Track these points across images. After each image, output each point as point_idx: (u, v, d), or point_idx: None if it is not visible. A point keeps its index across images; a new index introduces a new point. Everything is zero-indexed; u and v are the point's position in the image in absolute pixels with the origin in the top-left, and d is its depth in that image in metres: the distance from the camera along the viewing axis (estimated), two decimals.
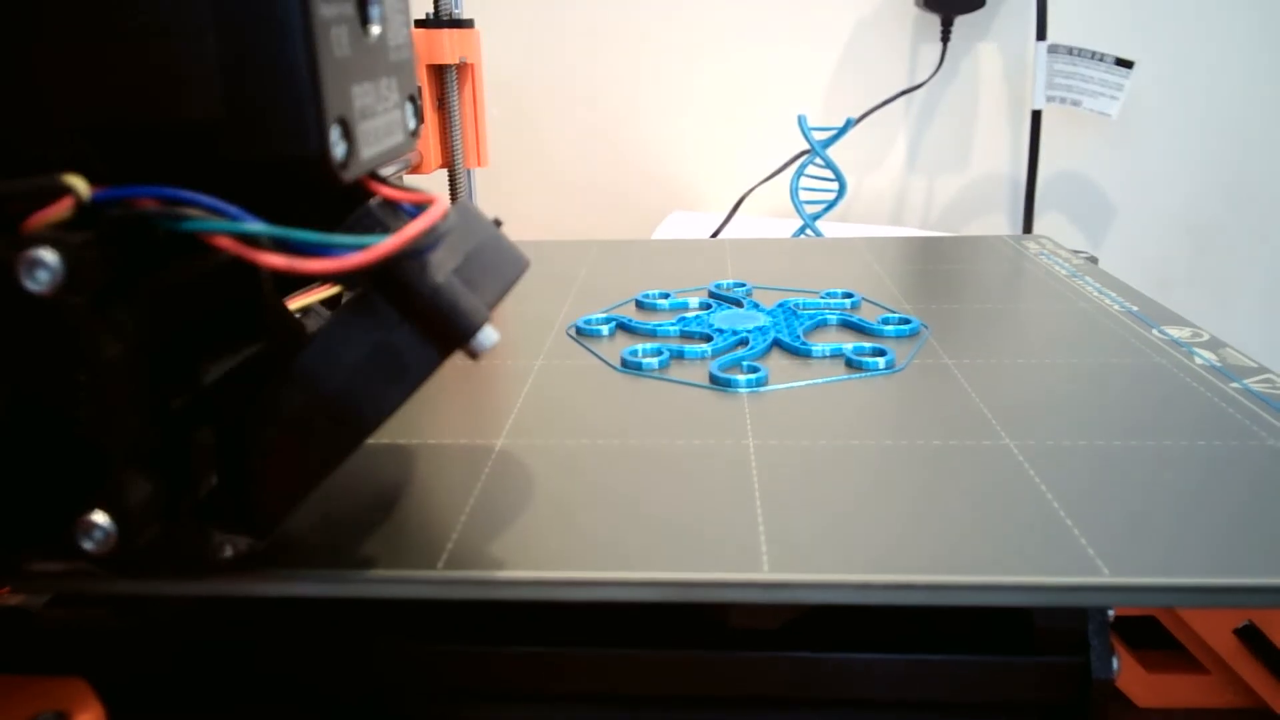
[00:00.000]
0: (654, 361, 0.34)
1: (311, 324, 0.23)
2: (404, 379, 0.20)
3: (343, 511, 0.24)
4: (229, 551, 0.20)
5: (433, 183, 0.46)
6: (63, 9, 0.17)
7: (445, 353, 0.20)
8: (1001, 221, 0.82)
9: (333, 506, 0.24)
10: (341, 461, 0.20)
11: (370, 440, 0.28)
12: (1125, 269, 0.81)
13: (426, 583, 0.21)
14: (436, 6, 0.53)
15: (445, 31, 0.53)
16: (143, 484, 0.19)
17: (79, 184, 0.17)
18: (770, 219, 0.75)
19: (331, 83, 0.18)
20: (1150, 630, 0.28)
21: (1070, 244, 0.82)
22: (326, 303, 0.23)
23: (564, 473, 0.26)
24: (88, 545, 0.18)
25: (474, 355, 0.20)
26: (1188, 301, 0.82)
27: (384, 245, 0.18)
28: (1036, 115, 0.77)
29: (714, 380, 0.33)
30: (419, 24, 0.52)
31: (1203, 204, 0.80)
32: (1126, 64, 0.73)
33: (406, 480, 0.26)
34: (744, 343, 0.36)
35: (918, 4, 0.77)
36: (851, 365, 0.34)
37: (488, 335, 0.19)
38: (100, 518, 0.18)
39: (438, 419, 0.30)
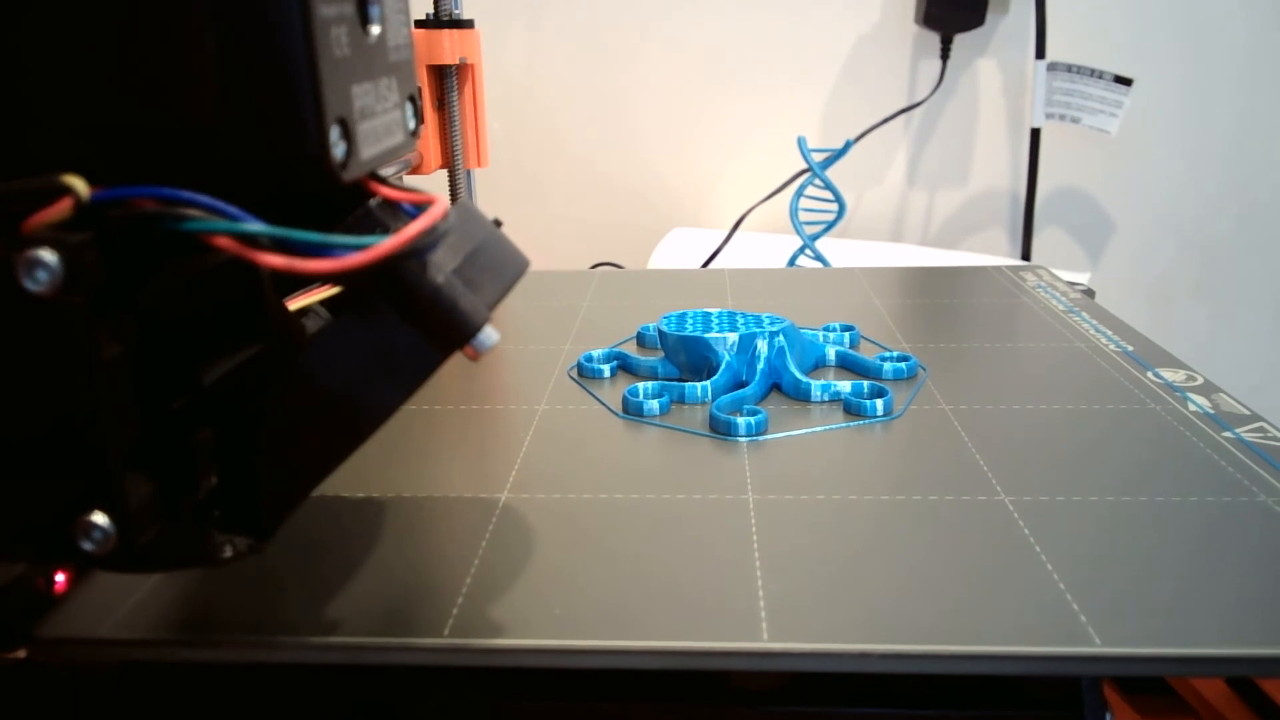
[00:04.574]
0: (655, 405, 0.34)
1: (311, 324, 0.23)
2: (404, 380, 0.20)
3: (350, 570, 0.24)
4: (229, 552, 0.20)
5: (433, 183, 0.46)
6: (62, 9, 0.17)
7: (445, 354, 0.20)
8: (1001, 237, 0.82)
9: (341, 564, 0.24)
10: (341, 462, 0.20)
11: (377, 494, 0.28)
12: (1126, 284, 0.81)
13: (433, 650, 0.22)
14: (436, 6, 0.53)
15: (445, 31, 0.53)
16: (143, 484, 0.19)
17: (79, 184, 0.17)
18: (770, 235, 0.76)
19: (331, 83, 0.18)
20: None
21: (1070, 259, 0.82)
22: (326, 303, 0.23)
23: (567, 531, 0.26)
24: (87, 546, 0.18)
25: (474, 356, 0.20)
26: (1189, 316, 0.82)
27: (384, 245, 0.18)
28: (1036, 133, 0.77)
29: (714, 424, 0.33)
30: (419, 24, 0.53)
31: (1203, 218, 0.80)
32: (1125, 81, 0.74)
33: (413, 538, 0.26)
34: (743, 383, 0.36)
35: (918, 21, 0.77)
36: (850, 410, 0.34)
37: (488, 336, 0.19)
38: (100, 518, 0.18)
39: (444, 470, 0.30)
